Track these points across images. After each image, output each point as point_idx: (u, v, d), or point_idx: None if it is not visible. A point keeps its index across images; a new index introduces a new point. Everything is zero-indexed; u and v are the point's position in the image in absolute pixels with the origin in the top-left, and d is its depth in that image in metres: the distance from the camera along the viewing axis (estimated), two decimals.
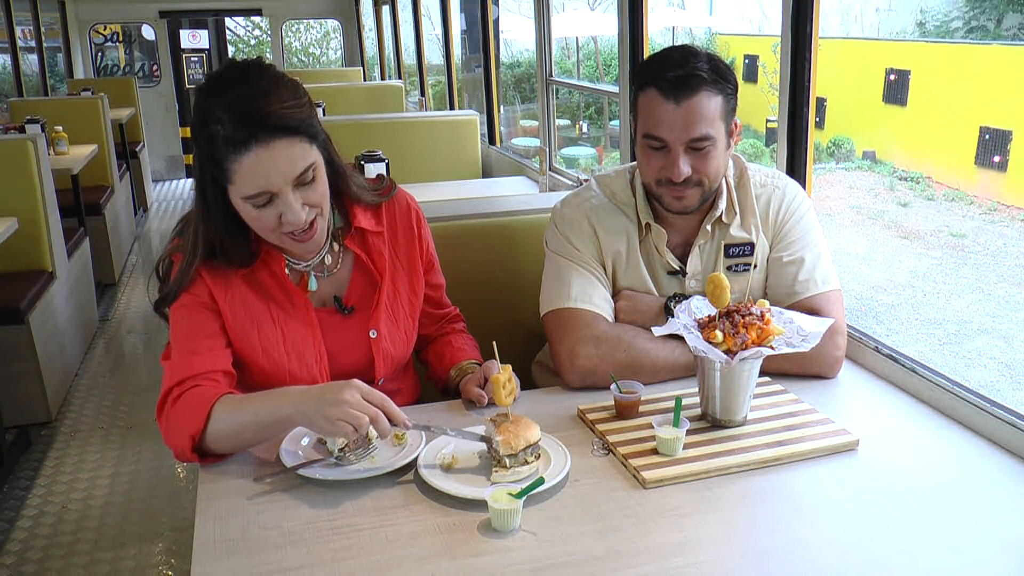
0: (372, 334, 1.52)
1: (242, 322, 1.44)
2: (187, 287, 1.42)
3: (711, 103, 1.50)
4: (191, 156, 1.42)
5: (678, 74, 1.49)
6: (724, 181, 1.63)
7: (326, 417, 1.22)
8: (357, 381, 1.26)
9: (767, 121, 10.98)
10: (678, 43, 1.64)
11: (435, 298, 1.69)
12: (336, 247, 1.53)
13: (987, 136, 8.99)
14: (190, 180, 8.99)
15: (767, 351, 1.34)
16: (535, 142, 7.25)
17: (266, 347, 1.46)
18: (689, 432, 1.34)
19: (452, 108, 5.68)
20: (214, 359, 1.40)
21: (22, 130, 4.49)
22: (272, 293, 1.47)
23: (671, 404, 1.37)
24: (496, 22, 5.74)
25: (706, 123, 1.50)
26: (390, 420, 1.26)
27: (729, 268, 1.64)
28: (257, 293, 1.46)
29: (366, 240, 1.54)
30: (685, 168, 1.52)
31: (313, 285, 1.50)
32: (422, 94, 6.51)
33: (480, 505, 1.18)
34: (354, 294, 1.53)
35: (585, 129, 13.74)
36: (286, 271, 1.47)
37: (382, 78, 8.27)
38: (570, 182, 3.38)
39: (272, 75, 1.33)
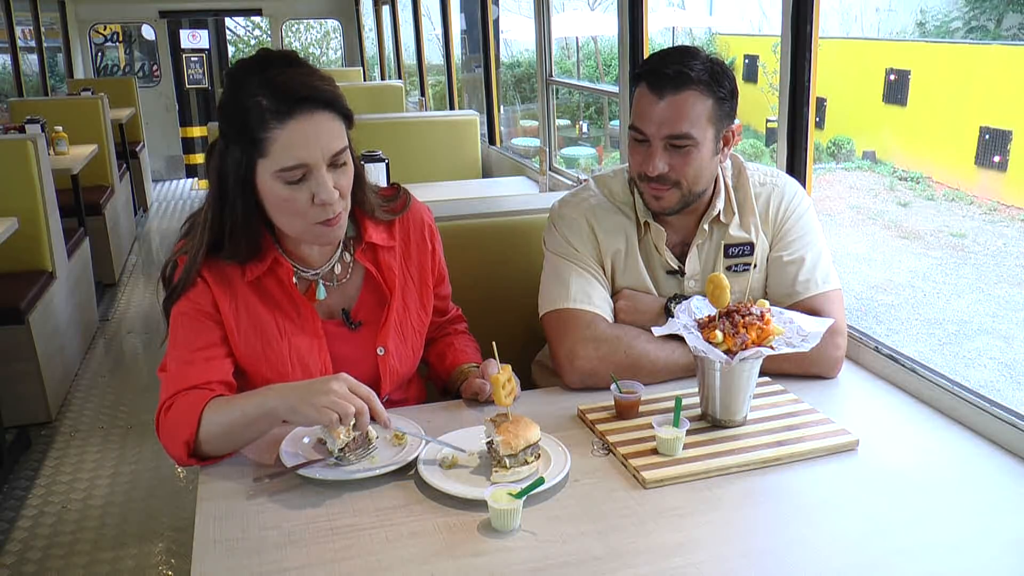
0: (380, 351, 1.50)
1: (246, 331, 1.43)
2: (191, 287, 1.40)
3: (698, 104, 1.49)
4: (191, 156, 1.42)
5: (668, 70, 1.49)
6: (722, 181, 1.63)
7: (311, 404, 1.22)
8: (345, 375, 1.26)
9: (767, 121, 10.98)
10: (679, 43, 1.64)
11: (441, 307, 1.68)
12: (347, 257, 1.50)
13: (987, 136, 8.99)
14: (190, 180, 8.99)
15: (767, 351, 1.34)
16: (535, 142, 7.25)
17: (270, 357, 1.44)
18: (689, 432, 1.33)
19: (452, 108, 5.68)
20: (211, 370, 1.38)
21: (22, 130, 4.49)
22: (278, 302, 1.44)
23: (671, 404, 1.37)
24: (496, 22, 5.74)
25: (688, 123, 1.49)
26: (374, 417, 1.26)
27: (729, 268, 1.64)
28: (263, 302, 1.44)
29: (377, 255, 1.51)
30: (661, 165, 1.51)
31: (322, 294, 1.48)
32: (422, 94, 6.50)
33: (480, 505, 1.18)
34: (362, 309, 1.51)
35: (585, 129, 13.74)
36: (294, 280, 1.45)
37: (382, 78, 8.28)
38: (570, 182, 3.38)
39: (307, 63, 1.35)
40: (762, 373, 1.44)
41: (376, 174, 2.99)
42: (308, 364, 1.45)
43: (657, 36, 12.67)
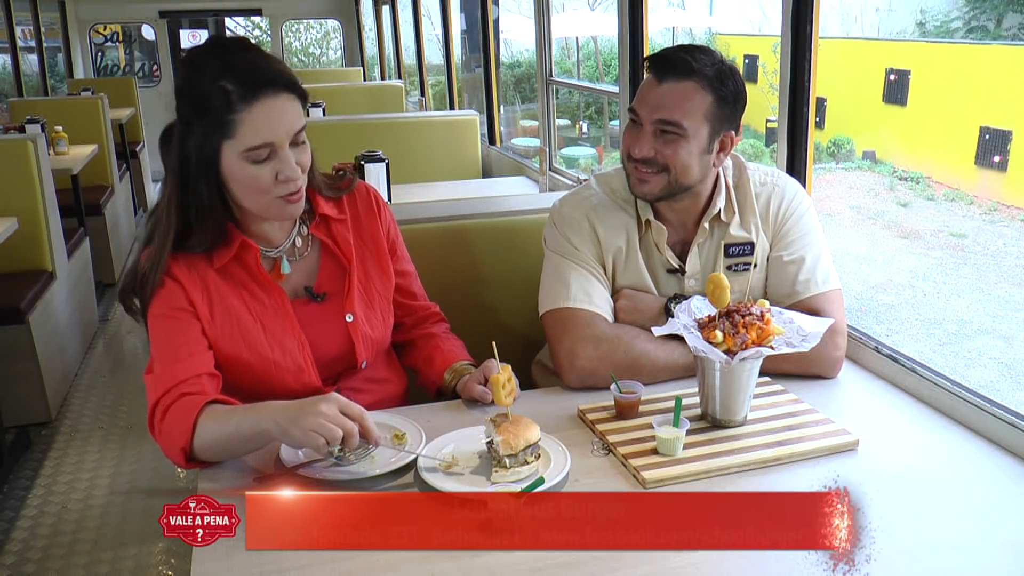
0: (348, 318, 1.53)
1: (221, 320, 1.44)
2: (160, 287, 1.41)
3: (696, 97, 1.49)
4: None
5: (675, 58, 1.50)
6: (723, 179, 1.63)
7: (299, 427, 1.22)
8: (336, 395, 1.27)
9: (767, 121, 10.97)
10: (679, 43, 1.64)
11: (405, 286, 1.67)
12: (304, 231, 1.54)
13: (987, 136, 9.00)
14: None
15: (767, 351, 1.34)
16: (535, 142, 7.25)
17: (248, 341, 1.46)
18: (689, 432, 1.33)
19: (452, 108, 5.68)
20: (195, 364, 1.39)
21: (22, 130, 4.48)
22: (248, 287, 1.47)
23: (671, 404, 1.36)
24: (496, 22, 5.74)
25: (680, 111, 1.49)
26: (364, 436, 1.26)
27: (729, 268, 1.64)
28: (233, 289, 1.46)
29: (330, 227, 1.56)
30: (647, 148, 1.52)
31: (286, 268, 1.51)
32: (422, 94, 6.50)
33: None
34: (325, 281, 1.54)
35: (585, 129, 13.74)
36: (260, 260, 1.47)
37: (382, 78, 8.27)
38: (570, 182, 3.38)
39: (260, 48, 1.42)
40: (762, 373, 1.44)
41: (376, 174, 2.99)
42: (284, 342, 1.48)
43: (657, 36, 12.67)
